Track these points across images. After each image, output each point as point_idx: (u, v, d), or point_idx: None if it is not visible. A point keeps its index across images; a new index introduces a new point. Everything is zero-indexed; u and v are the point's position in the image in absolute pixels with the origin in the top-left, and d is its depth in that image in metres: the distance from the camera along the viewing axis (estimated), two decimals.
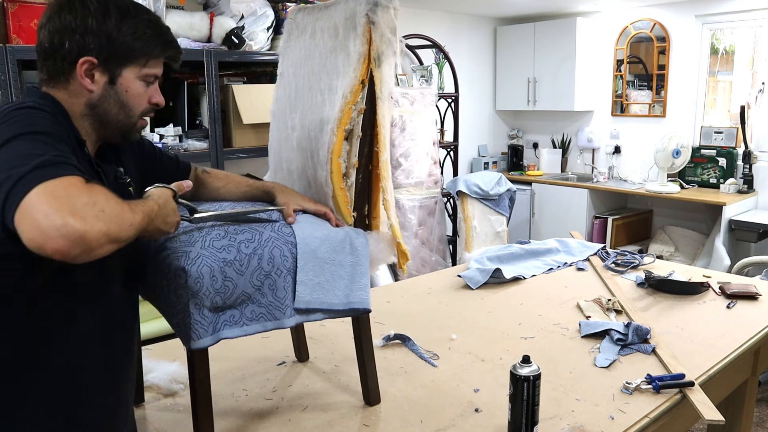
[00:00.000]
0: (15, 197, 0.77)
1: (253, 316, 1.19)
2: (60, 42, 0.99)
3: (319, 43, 1.40)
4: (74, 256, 0.77)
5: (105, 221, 0.80)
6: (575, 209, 4.99)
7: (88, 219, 0.78)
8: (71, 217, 0.76)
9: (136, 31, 1.02)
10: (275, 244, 1.20)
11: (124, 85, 1.04)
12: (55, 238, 0.75)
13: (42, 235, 0.75)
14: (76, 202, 0.78)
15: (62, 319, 0.97)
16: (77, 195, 0.79)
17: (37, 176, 0.78)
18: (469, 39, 5.45)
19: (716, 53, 4.77)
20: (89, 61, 1.00)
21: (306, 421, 1.38)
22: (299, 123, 1.43)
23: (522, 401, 1.26)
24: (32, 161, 0.80)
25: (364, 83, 1.30)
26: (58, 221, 0.75)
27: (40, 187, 0.77)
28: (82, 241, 0.77)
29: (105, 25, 1.00)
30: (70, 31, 0.98)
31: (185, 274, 1.09)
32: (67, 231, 0.76)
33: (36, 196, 0.76)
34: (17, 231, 0.77)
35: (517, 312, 2.03)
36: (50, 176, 0.79)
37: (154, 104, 1.10)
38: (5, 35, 2.55)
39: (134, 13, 1.03)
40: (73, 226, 0.76)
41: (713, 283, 2.26)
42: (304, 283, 1.23)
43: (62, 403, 0.98)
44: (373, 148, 1.37)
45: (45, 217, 0.75)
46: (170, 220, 1.02)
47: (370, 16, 1.26)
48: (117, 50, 1.01)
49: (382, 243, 1.37)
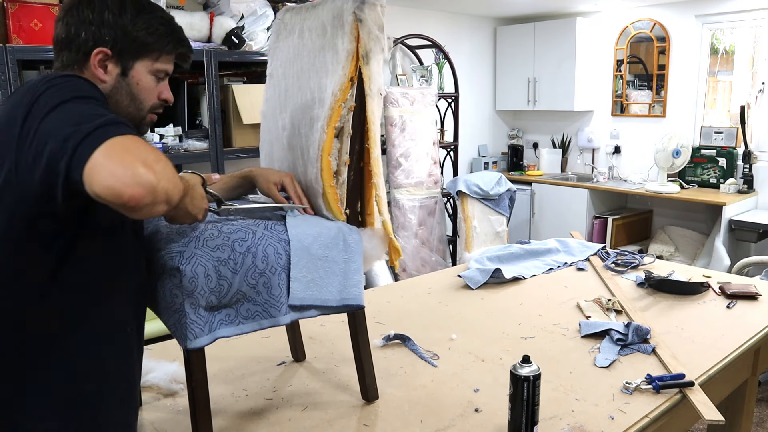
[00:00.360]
0: (84, 151, 0.81)
1: (248, 315, 1.19)
2: (76, 33, 1.04)
3: (307, 43, 1.41)
4: (144, 204, 0.82)
5: (168, 180, 0.85)
6: (575, 209, 4.99)
7: (158, 172, 0.83)
8: (144, 167, 0.82)
9: (150, 27, 1.07)
10: (269, 242, 1.20)
11: (136, 78, 1.08)
12: (131, 185, 0.80)
13: (119, 182, 0.80)
14: (147, 157, 0.83)
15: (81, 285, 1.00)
16: (145, 150, 0.84)
17: (105, 132, 0.83)
18: (469, 39, 5.45)
19: (716, 53, 4.77)
20: (103, 51, 1.04)
21: (306, 421, 1.37)
22: (289, 122, 1.43)
23: (522, 401, 1.26)
24: (96, 120, 0.85)
25: (353, 80, 1.30)
26: (133, 170, 0.81)
27: (111, 141, 0.82)
28: (153, 192, 0.82)
29: (121, 19, 1.04)
30: (87, 23, 1.03)
31: (180, 274, 1.09)
32: (142, 180, 0.81)
33: (108, 149, 0.82)
34: (85, 182, 0.81)
35: (517, 312, 2.03)
36: (117, 133, 0.84)
37: (163, 100, 1.13)
38: (5, 35, 2.55)
39: (149, 10, 1.08)
40: (147, 175, 0.81)
41: (713, 283, 2.26)
42: (297, 280, 1.23)
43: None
44: (364, 145, 1.37)
45: (121, 165, 0.80)
46: (199, 204, 1.06)
47: (357, 14, 1.27)
48: (131, 43, 1.05)
49: (375, 239, 1.37)
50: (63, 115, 0.87)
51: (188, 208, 1.03)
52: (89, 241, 0.98)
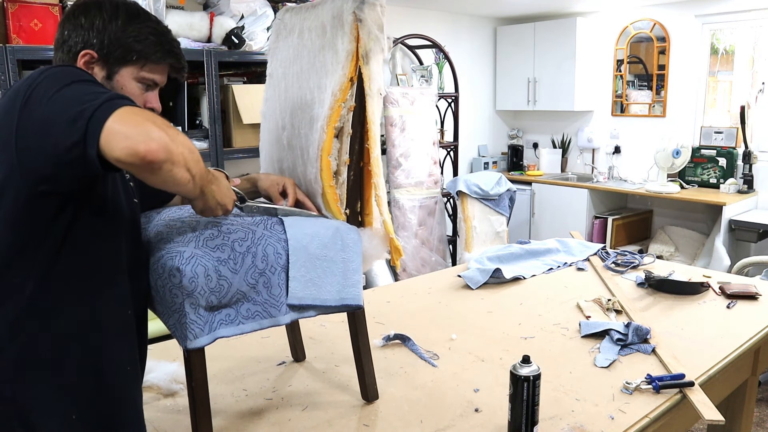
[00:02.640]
0: (96, 125, 0.86)
1: (248, 315, 1.19)
2: (69, 35, 1.09)
3: (307, 43, 1.41)
4: (161, 161, 0.87)
5: (182, 144, 0.91)
6: (575, 209, 4.99)
7: (170, 134, 0.89)
8: (155, 128, 0.87)
9: (139, 35, 1.09)
10: (268, 242, 1.20)
11: (120, 83, 1.10)
12: (146, 141, 0.85)
13: (135, 141, 0.85)
14: (156, 120, 0.89)
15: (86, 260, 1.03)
16: (153, 116, 0.90)
17: (112, 104, 0.88)
18: (469, 39, 5.45)
19: (716, 53, 4.77)
20: (89, 53, 1.07)
21: (305, 421, 1.37)
22: (289, 122, 1.43)
23: (522, 401, 1.26)
24: (100, 96, 0.89)
25: (353, 80, 1.30)
26: (146, 128, 0.86)
27: (120, 110, 0.87)
28: (168, 149, 0.88)
29: (110, 26, 1.08)
30: (80, 27, 1.08)
31: (180, 274, 1.09)
32: (155, 136, 0.86)
33: (119, 117, 0.86)
34: (104, 151, 0.86)
35: (517, 312, 2.03)
36: (123, 104, 0.89)
37: (149, 109, 1.13)
38: (5, 35, 2.55)
39: (142, 20, 1.11)
40: (159, 133, 0.87)
41: (713, 283, 2.26)
42: (296, 279, 1.23)
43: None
44: (364, 145, 1.37)
45: (134, 127, 0.86)
46: (227, 194, 1.12)
47: (357, 14, 1.27)
48: (117, 49, 1.08)
49: (375, 239, 1.37)
50: (65, 98, 0.90)
51: (217, 196, 1.09)
52: (88, 221, 1.01)
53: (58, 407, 0.98)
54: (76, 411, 1.00)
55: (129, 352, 1.10)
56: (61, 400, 0.99)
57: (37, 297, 0.97)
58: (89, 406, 1.02)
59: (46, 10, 2.61)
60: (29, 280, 0.97)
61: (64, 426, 0.99)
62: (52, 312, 0.98)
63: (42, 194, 0.95)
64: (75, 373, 1.00)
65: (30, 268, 0.97)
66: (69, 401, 1.00)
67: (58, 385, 0.99)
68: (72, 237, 0.99)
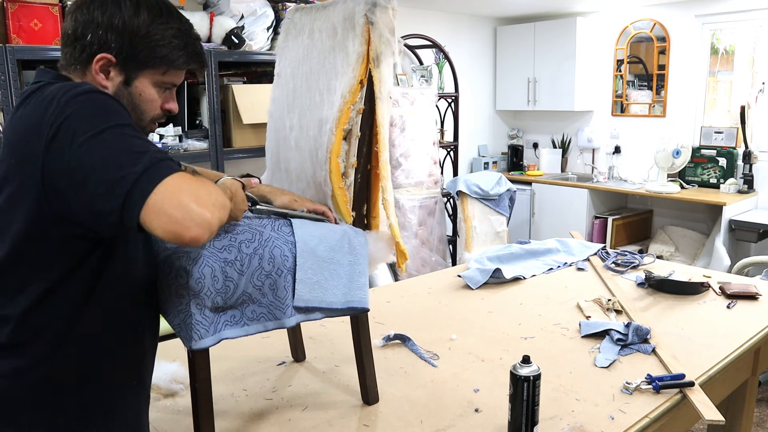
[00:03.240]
0: (138, 196, 0.83)
1: (253, 316, 1.19)
2: (83, 33, 0.97)
3: (317, 43, 1.41)
4: (204, 240, 0.86)
5: (219, 208, 0.89)
6: (575, 209, 4.99)
7: (210, 207, 0.86)
8: (198, 206, 0.85)
9: (163, 38, 1.00)
10: (275, 244, 1.20)
11: (139, 88, 1.02)
12: (191, 227, 0.84)
13: (179, 226, 0.83)
14: (199, 195, 0.86)
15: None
16: (196, 188, 0.87)
17: (155, 174, 0.84)
18: (469, 39, 5.45)
19: (716, 53, 4.77)
20: (107, 58, 0.98)
21: (306, 421, 1.38)
22: (297, 123, 1.43)
23: (522, 401, 1.26)
24: (140, 159, 0.84)
25: (363, 83, 1.30)
26: (190, 212, 0.84)
27: (162, 184, 0.83)
28: (210, 227, 0.86)
29: (131, 27, 0.97)
30: (95, 24, 0.97)
31: (186, 275, 1.09)
32: (201, 219, 0.84)
33: (162, 194, 0.83)
34: (144, 226, 0.83)
35: (517, 312, 2.03)
36: (166, 174, 0.85)
37: (166, 110, 1.08)
38: (5, 35, 2.55)
39: (165, 19, 1.00)
40: (203, 214, 0.85)
41: (713, 283, 2.26)
42: (303, 282, 1.23)
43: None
44: (373, 148, 1.37)
45: (178, 209, 0.83)
46: (240, 208, 1.12)
47: (368, 16, 1.26)
48: (138, 54, 0.99)
49: (381, 242, 1.37)
50: (101, 151, 0.84)
51: (232, 214, 1.09)
52: (109, 248, 0.98)
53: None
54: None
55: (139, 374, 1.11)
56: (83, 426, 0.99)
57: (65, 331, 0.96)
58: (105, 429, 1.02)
59: (46, 10, 2.61)
60: (59, 314, 0.95)
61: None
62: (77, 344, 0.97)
63: (75, 237, 0.92)
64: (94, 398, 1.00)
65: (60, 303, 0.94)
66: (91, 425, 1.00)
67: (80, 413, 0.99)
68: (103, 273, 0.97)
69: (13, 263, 0.93)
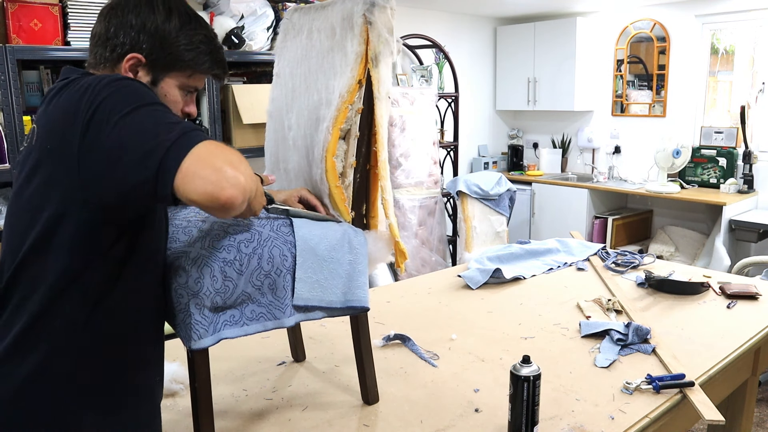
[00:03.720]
0: (172, 164, 0.84)
1: (253, 316, 1.19)
2: (115, 33, 1.03)
3: (315, 43, 1.41)
4: (239, 204, 0.86)
5: (251, 179, 0.89)
6: (575, 209, 4.99)
7: (243, 172, 0.87)
8: (232, 169, 0.85)
9: (190, 43, 1.06)
10: (275, 244, 1.20)
11: (164, 89, 1.06)
12: (227, 188, 0.84)
13: (215, 186, 0.83)
14: (231, 158, 0.87)
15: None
16: (230, 153, 0.88)
17: (187, 141, 0.85)
18: (469, 39, 5.45)
19: (716, 53, 4.77)
20: (137, 57, 1.03)
21: (305, 421, 1.38)
22: (296, 122, 1.43)
23: (522, 401, 1.26)
24: (173, 129, 0.86)
25: (362, 83, 1.30)
26: (225, 173, 0.84)
27: (195, 149, 0.85)
28: (244, 190, 0.86)
29: (162, 30, 1.03)
30: (129, 26, 1.02)
31: (185, 274, 1.09)
32: (236, 181, 0.85)
33: (196, 158, 0.84)
34: (179, 191, 0.84)
35: (517, 312, 2.03)
36: (197, 140, 0.86)
37: (186, 113, 1.12)
38: (5, 35, 2.55)
39: (194, 26, 1.07)
40: (237, 176, 0.85)
41: (713, 283, 2.26)
42: (302, 281, 1.23)
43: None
44: (371, 148, 1.37)
45: (213, 171, 0.84)
46: (261, 201, 1.11)
47: (367, 16, 1.26)
48: (167, 56, 1.04)
49: (380, 242, 1.37)
50: (135, 126, 0.87)
51: (253, 205, 1.08)
52: (142, 246, 1.01)
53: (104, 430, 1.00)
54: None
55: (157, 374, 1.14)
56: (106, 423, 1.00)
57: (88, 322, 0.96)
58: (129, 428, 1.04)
59: (46, 10, 2.61)
60: (82, 308, 0.96)
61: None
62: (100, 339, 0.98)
63: (103, 222, 0.93)
64: (119, 396, 1.02)
65: (83, 296, 0.95)
66: (114, 424, 1.01)
67: (104, 409, 0.99)
68: (127, 265, 0.99)
69: (43, 249, 0.94)
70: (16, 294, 0.95)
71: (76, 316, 0.95)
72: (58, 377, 0.95)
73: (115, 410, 1.02)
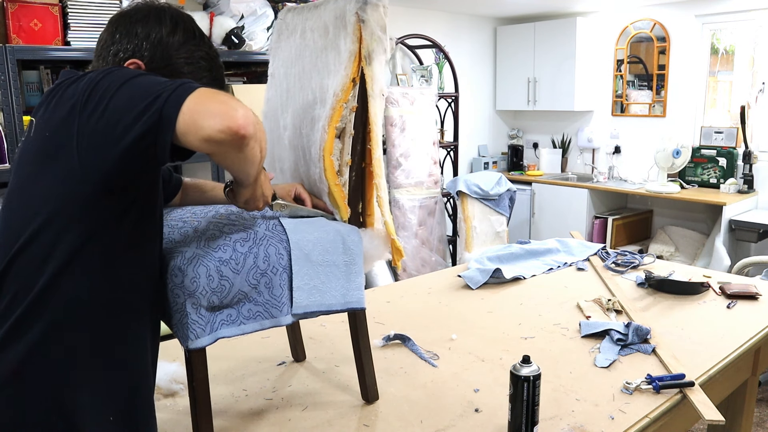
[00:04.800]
0: (172, 109, 0.84)
1: (250, 315, 1.19)
2: (119, 39, 1.06)
3: (309, 43, 1.41)
4: (250, 136, 0.86)
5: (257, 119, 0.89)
6: (575, 209, 4.99)
7: (246, 109, 0.87)
8: (237, 102, 0.85)
9: (191, 57, 1.08)
10: (270, 242, 1.20)
11: None
12: (236, 116, 0.84)
13: (225, 117, 0.83)
14: (232, 100, 0.87)
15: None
16: (229, 96, 0.87)
17: (186, 89, 0.86)
18: (469, 39, 5.45)
19: (716, 53, 4.77)
20: (137, 63, 1.05)
21: (305, 421, 1.37)
22: (291, 122, 1.44)
23: (522, 401, 1.26)
24: (170, 84, 0.87)
25: (355, 81, 1.30)
26: (231, 104, 0.84)
27: (194, 93, 0.85)
28: (254, 124, 0.86)
29: (166, 42, 1.06)
30: (134, 35, 1.06)
31: (182, 274, 1.09)
32: (242, 111, 0.85)
33: (198, 97, 0.85)
34: (187, 134, 0.84)
35: (517, 312, 2.03)
36: (193, 88, 0.86)
37: None
38: (5, 35, 2.55)
39: (197, 42, 1.10)
40: (243, 108, 0.85)
41: (713, 283, 2.26)
42: (300, 289, 1.23)
43: None
44: (366, 146, 1.37)
45: (220, 104, 0.84)
46: (268, 189, 1.13)
47: (359, 14, 1.27)
48: (166, 67, 1.06)
49: (376, 240, 1.37)
50: (132, 90, 0.88)
51: (263, 187, 1.09)
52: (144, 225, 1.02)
53: (99, 409, 0.99)
54: (112, 413, 1.01)
55: (153, 358, 1.13)
56: (100, 401, 0.99)
57: (89, 298, 0.97)
58: (124, 409, 1.03)
59: (46, 10, 2.61)
60: (83, 281, 0.96)
61: (102, 427, 1.00)
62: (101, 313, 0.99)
63: (103, 198, 0.93)
64: (114, 378, 1.01)
65: (84, 270, 0.96)
66: (109, 404, 1.01)
67: (101, 388, 0.99)
68: (131, 238, 0.99)
69: (42, 229, 0.94)
70: (15, 276, 0.96)
71: (79, 293, 0.95)
72: (57, 355, 0.96)
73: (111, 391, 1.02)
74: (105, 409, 1.00)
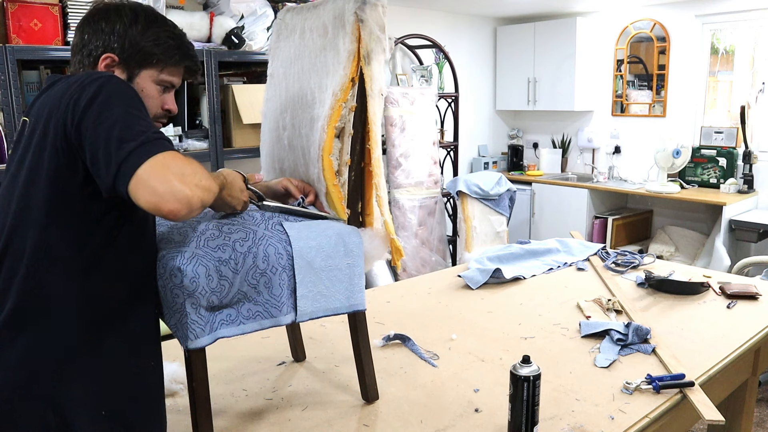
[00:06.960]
0: (128, 169, 0.91)
1: (249, 315, 1.19)
2: (89, 40, 1.12)
3: (308, 43, 1.41)
4: (182, 215, 0.93)
5: (202, 189, 0.95)
6: (575, 209, 4.99)
7: (192, 186, 0.93)
8: (180, 183, 0.92)
9: (158, 39, 1.13)
10: (269, 242, 1.20)
11: (141, 85, 1.13)
12: (170, 201, 0.91)
13: (160, 199, 0.90)
14: (183, 172, 0.93)
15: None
16: (182, 165, 0.94)
17: (146, 150, 0.92)
18: (469, 39, 5.45)
19: (716, 53, 4.77)
20: (111, 57, 1.11)
21: (305, 421, 1.37)
22: (290, 122, 1.44)
23: (522, 401, 1.26)
24: (138, 138, 0.93)
25: (354, 81, 1.30)
26: (171, 187, 0.91)
27: (152, 159, 0.92)
28: (189, 204, 0.93)
29: (131, 30, 1.12)
30: (100, 32, 1.12)
31: (181, 274, 1.09)
32: (179, 195, 0.91)
33: (149, 167, 0.91)
34: (131, 196, 0.92)
35: (517, 312, 2.03)
36: (156, 151, 0.93)
37: (166, 110, 1.18)
38: (5, 35, 2.55)
39: (160, 24, 1.15)
40: (183, 190, 0.92)
41: (713, 283, 2.25)
42: (305, 297, 1.24)
43: None
44: (365, 146, 1.37)
45: (160, 183, 0.91)
46: (236, 196, 1.18)
47: (358, 14, 1.27)
48: (137, 52, 1.12)
49: (376, 240, 1.37)
50: (108, 128, 0.94)
51: (226, 200, 1.15)
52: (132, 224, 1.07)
53: (89, 404, 1.02)
54: (105, 408, 1.04)
55: (154, 352, 1.15)
56: (92, 397, 1.02)
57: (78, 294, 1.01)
58: (118, 406, 1.05)
59: (46, 10, 2.61)
60: (75, 276, 1.00)
61: (94, 422, 1.03)
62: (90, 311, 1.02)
63: (91, 195, 1.00)
64: (106, 374, 1.04)
65: (77, 266, 1.00)
66: (101, 398, 1.03)
67: (92, 383, 1.02)
68: (121, 236, 1.05)
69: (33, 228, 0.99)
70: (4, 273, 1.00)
71: (68, 290, 1.00)
72: (49, 351, 0.99)
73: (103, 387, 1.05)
74: (97, 405, 1.02)
